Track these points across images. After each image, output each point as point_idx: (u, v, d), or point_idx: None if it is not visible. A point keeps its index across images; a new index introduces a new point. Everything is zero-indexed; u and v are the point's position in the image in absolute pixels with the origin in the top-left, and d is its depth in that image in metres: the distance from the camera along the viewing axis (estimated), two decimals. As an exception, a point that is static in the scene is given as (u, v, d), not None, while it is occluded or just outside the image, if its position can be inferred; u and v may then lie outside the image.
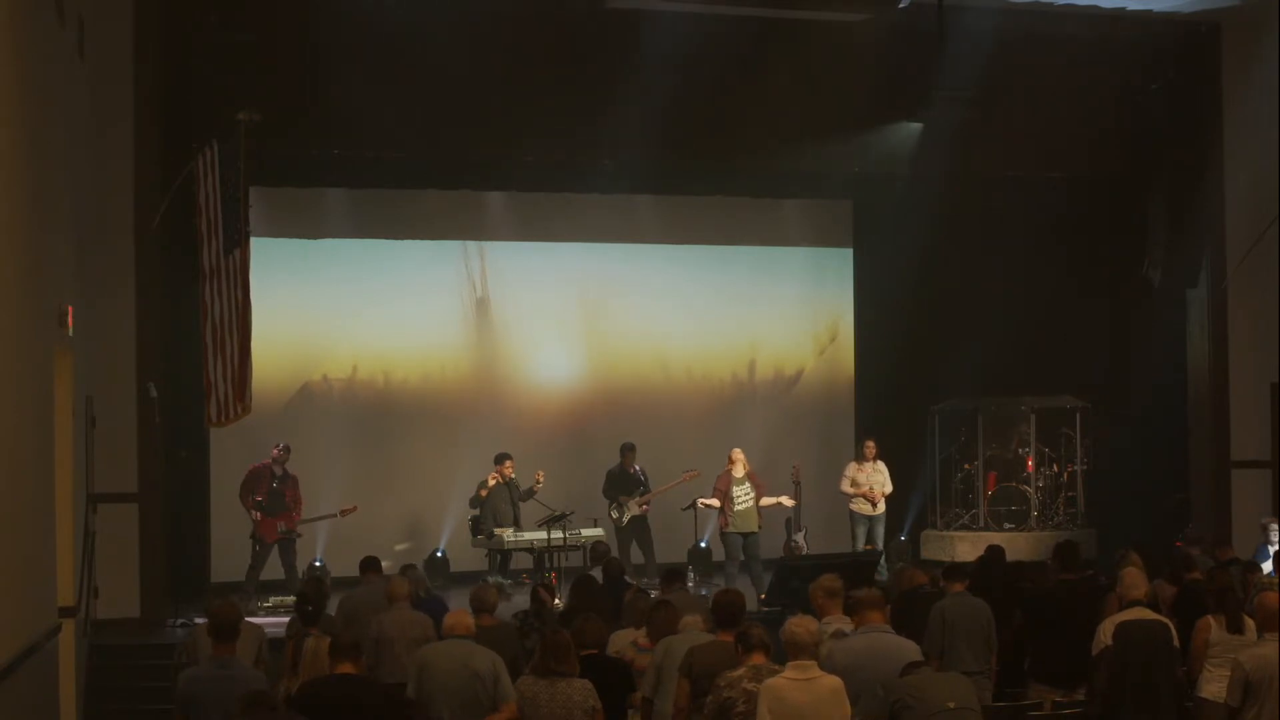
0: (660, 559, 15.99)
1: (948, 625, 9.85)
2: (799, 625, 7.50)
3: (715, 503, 15.58)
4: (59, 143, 11.22)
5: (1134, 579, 9.76)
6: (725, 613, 8.60)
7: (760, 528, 15.57)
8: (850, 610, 8.84)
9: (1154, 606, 9.85)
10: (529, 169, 16.65)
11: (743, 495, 15.46)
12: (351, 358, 17.42)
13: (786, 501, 16.06)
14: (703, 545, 16.86)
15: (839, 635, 8.64)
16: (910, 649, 8.50)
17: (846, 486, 16.57)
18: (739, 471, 15.52)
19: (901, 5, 15.26)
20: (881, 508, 16.52)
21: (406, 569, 12.21)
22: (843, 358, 19.22)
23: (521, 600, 13.18)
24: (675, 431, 17.95)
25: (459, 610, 9.01)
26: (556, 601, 13.83)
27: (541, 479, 15.70)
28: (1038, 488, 17.78)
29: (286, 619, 11.31)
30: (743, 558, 15.51)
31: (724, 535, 15.58)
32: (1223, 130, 17.03)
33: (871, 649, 8.32)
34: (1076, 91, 16.71)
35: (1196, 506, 17.19)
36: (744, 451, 15.78)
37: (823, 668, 7.58)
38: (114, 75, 13.72)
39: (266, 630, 10.39)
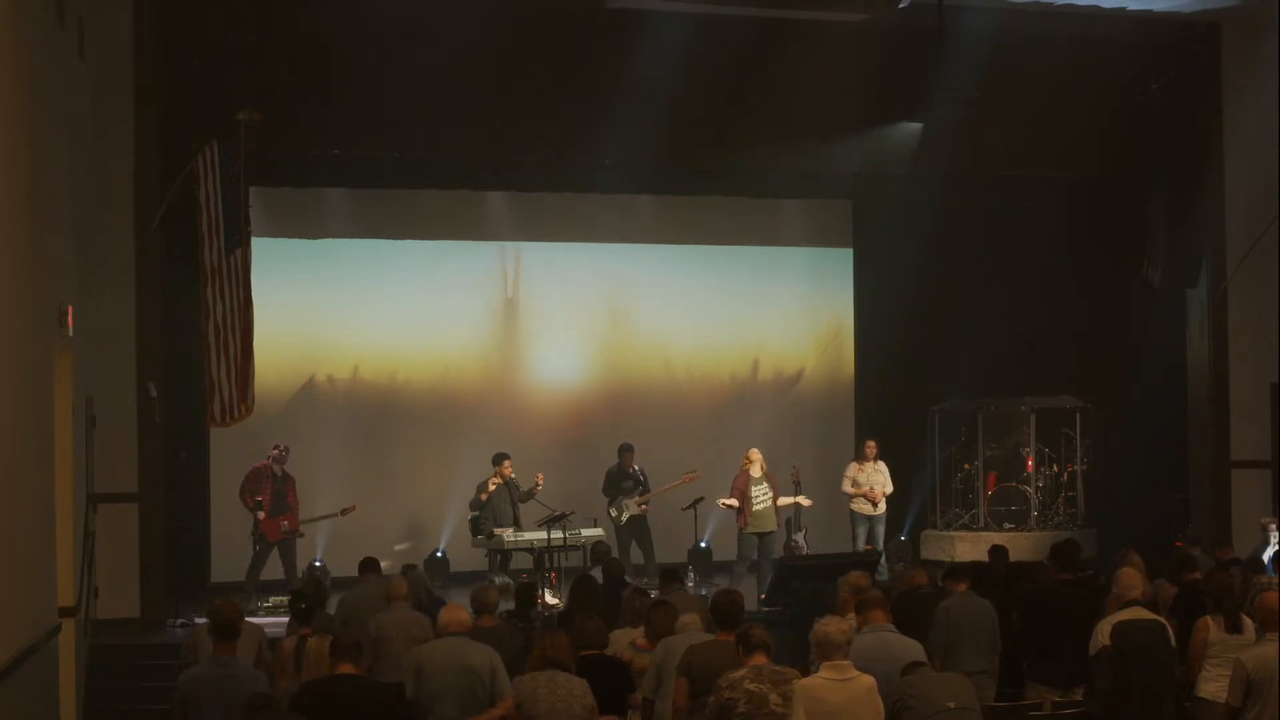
0: (660, 559, 15.98)
1: (953, 625, 9.86)
2: (831, 625, 7.46)
3: (734, 503, 15.56)
4: (59, 143, 11.23)
5: (1131, 579, 9.78)
6: (725, 613, 8.59)
7: (778, 527, 15.59)
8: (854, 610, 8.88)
9: (1152, 606, 9.86)
10: (528, 169, 16.66)
11: (761, 495, 15.45)
12: (351, 358, 17.42)
13: (804, 501, 16.03)
14: (703, 545, 16.86)
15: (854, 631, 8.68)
16: (916, 648, 8.55)
17: (847, 487, 16.57)
18: (756, 471, 15.50)
19: (901, 5, 15.25)
20: (882, 508, 16.53)
21: (408, 570, 12.22)
22: (843, 358, 19.22)
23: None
24: (676, 431, 17.96)
25: (453, 606, 9.02)
26: (553, 601, 13.87)
27: (541, 481, 15.69)
28: (1038, 488, 17.78)
29: (287, 619, 11.31)
30: (755, 557, 15.51)
31: (741, 535, 15.57)
32: (1223, 130, 17.02)
33: (881, 647, 8.35)
34: (1076, 91, 16.71)
35: (1196, 506, 17.18)
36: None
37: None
38: (114, 75, 13.72)
39: (267, 630, 10.41)
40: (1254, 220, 16.23)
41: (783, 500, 15.67)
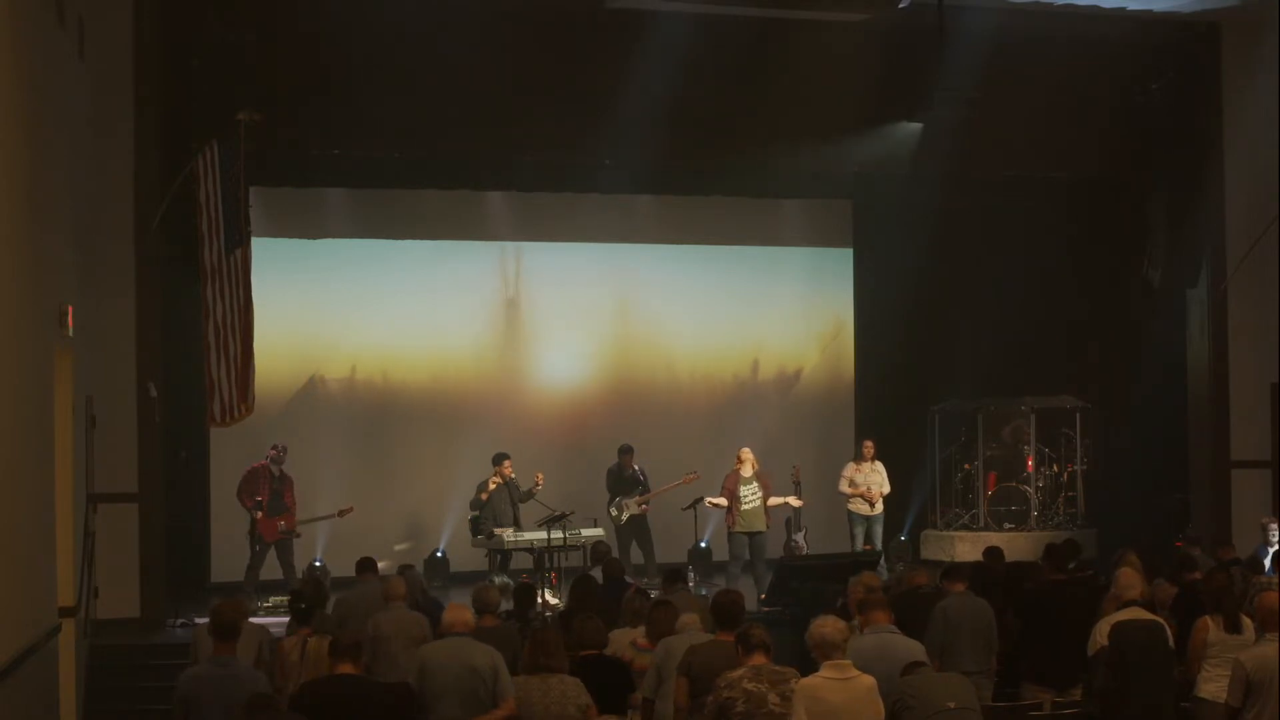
0: (660, 559, 16.01)
1: (950, 625, 9.86)
2: (828, 625, 7.45)
3: (723, 502, 15.58)
4: (59, 143, 11.23)
5: (1129, 579, 9.80)
6: (725, 613, 8.59)
7: (768, 527, 15.58)
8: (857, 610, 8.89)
9: (1149, 606, 9.87)
10: (528, 169, 16.67)
11: (749, 495, 15.46)
12: (351, 358, 17.43)
13: (794, 502, 16.04)
14: (703, 545, 16.86)
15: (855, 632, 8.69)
16: (916, 649, 8.55)
17: (845, 487, 16.58)
18: (747, 471, 15.53)
19: (901, 5, 15.25)
20: (879, 508, 16.53)
21: (404, 570, 12.21)
22: (843, 358, 19.22)
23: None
24: (676, 431, 17.96)
25: (457, 606, 9.01)
26: (553, 601, 13.87)
27: (541, 480, 15.69)
28: (1038, 488, 17.78)
29: (287, 619, 11.31)
30: (747, 557, 15.51)
31: (730, 535, 15.59)
32: (1223, 130, 17.02)
33: (881, 648, 8.36)
34: (1077, 91, 16.71)
35: (1196, 506, 17.18)
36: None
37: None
38: (114, 75, 13.72)
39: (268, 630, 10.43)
40: (1254, 220, 16.23)
41: (772, 501, 15.66)
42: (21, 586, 9.62)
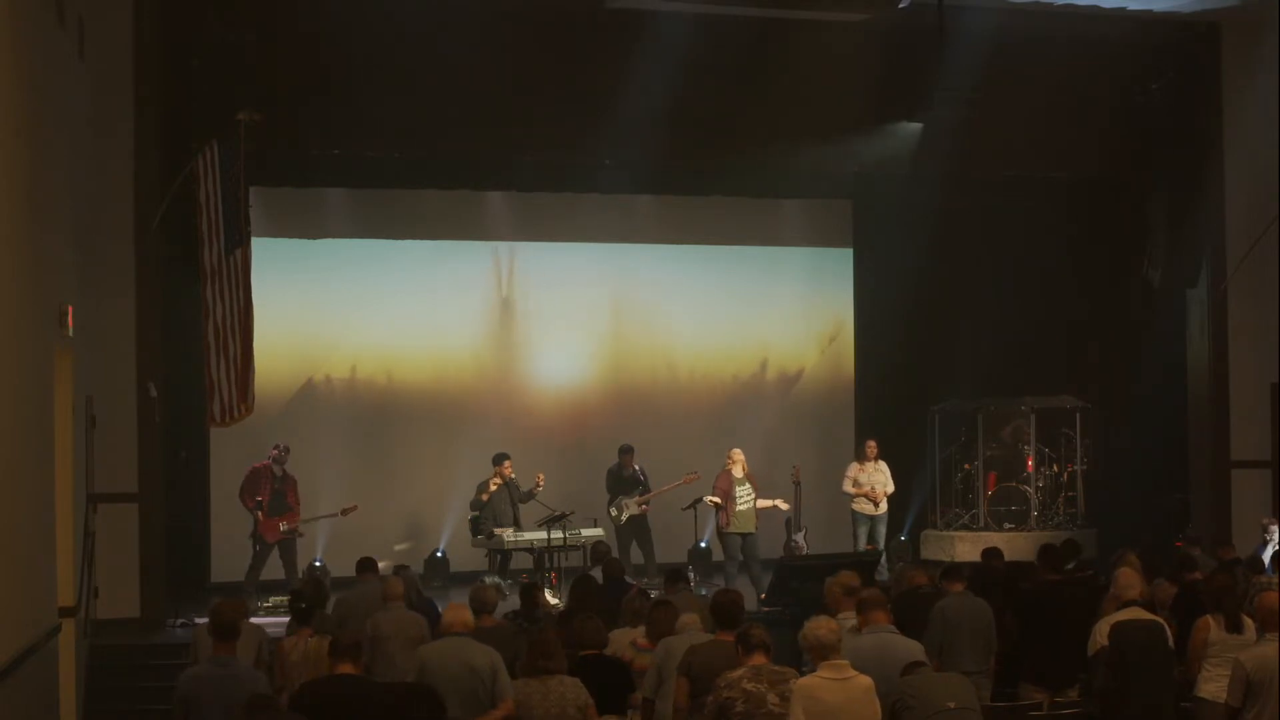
0: (660, 559, 16.02)
1: (949, 625, 9.85)
2: (821, 626, 7.46)
3: (718, 500, 15.59)
4: (59, 143, 11.23)
5: (1128, 579, 9.80)
6: (725, 613, 8.60)
7: (756, 529, 15.59)
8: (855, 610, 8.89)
9: (1149, 606, 9.87)
10: (528, 169, 16.67)
11: (744, 495, 15.48)
12: (351, 358, 17.43)
13: (782, 505, 16.06)
14: (703, 545, 16.86)
15: (854, 632, 8.68)
16: (916, 649, 8.55)
17: (848, 486, 16.58)
18: (739, 472, 15.53)
19: (901, 5, 15.26)
20: (883, 507, 16.54)
21: (399, 570, 12.21)
22: (843, 358, 19.22)
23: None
24: (676, 431, 17.95)
25: (457, 607, 9.02)
26: (553, 600, 13.87)
27: (541, 481, 15.70)
28: (1038, 488, 17.78)
29: (287, 619, 11.32)
30: (741, 558, 15.52)
31: (723, 535, 15.59)
32: (1223, 130, 17.02)
33: (879, 648, 8.35)
34: (1077, 91, 16.71)
35: (1196, 506, 17.18)
36: (745, 452, 15.77)
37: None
38: (114, 76, 13.71)
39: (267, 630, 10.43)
40: (1254, 220, 16.23)
41: (762, 503, 15.67)
42: (21, 586, 9.62)
